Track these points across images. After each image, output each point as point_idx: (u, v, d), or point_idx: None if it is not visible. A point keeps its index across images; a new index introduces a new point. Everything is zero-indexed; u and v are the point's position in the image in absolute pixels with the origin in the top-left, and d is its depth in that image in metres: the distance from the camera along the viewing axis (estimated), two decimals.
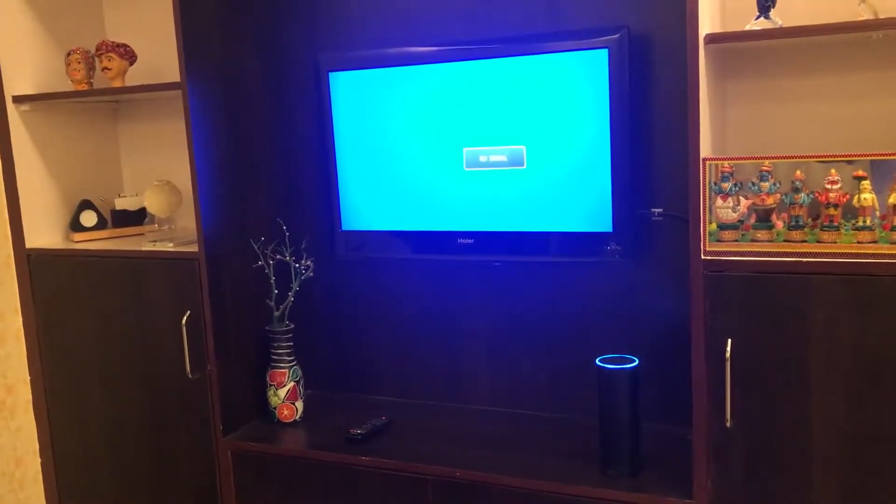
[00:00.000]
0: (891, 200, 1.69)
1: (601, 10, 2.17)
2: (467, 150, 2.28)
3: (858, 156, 1.72)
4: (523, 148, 2.22)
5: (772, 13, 1.83)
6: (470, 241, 2.32)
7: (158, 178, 2.72)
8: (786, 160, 1.77)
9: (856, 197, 1.72)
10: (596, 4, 2.18)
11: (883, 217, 1.69)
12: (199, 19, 2.29)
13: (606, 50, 2.08)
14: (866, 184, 1.71)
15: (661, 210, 2.17)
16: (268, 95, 2.56)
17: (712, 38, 1.78)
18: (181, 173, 2.55)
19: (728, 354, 1.79)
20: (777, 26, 1.82)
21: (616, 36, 2.07)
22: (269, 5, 2.55)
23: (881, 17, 1.81)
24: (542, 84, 2.17)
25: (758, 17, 1.84)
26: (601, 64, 2.09)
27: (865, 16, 1.83)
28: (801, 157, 1.77)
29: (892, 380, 1.68)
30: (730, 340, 1.79)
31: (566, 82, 2.14)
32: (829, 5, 1.93)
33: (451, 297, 2.50)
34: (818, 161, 1.75)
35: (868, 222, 1.71)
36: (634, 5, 2.14)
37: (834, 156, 1.74)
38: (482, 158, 2.27)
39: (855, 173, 1.72)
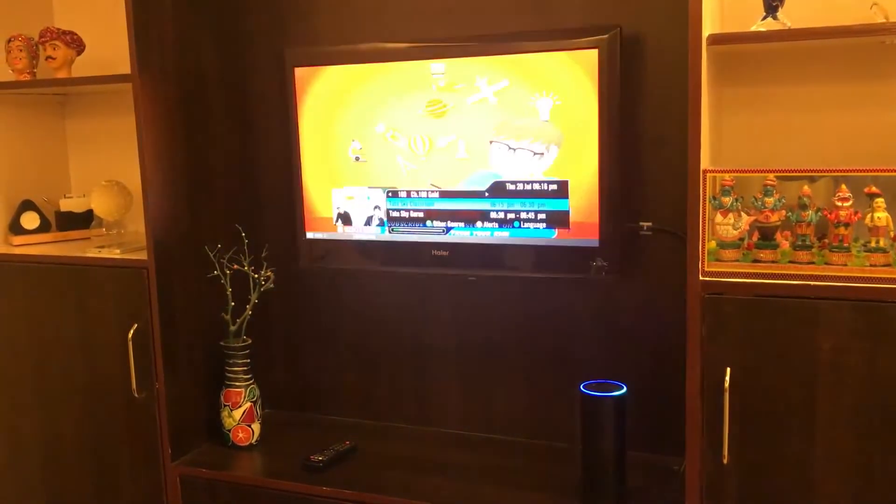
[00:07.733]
0: None
1: (593, 9, 2.03)
2: (444, 154, 2.12)
3: (872, 171, 1.58)
4: (504, 153, 2.06)
5: (779, 13, 1.68)
6: (445, 253, 2.16)
7: (108, 178, 2.54)
8: (792, 174, 1.63)
9: (868, 215, 1.59)
10: (587, 2, 2.04)
11: None
12: (153, 7, 2.14)
13: (596, 50, 1.93)
14: (880, 201, 1.58)
15: (650, 224, 2.03)
16: (227, 91, 2.40)
17: (716, 39, 1.64)
18: (132, 174, 2.36)
19: (727, 384, 1.64)
20: (786, 27, 1.67)
21: (607, 36, 1.92)
22: None
23: (893, 20, 1.68)
24: (524, 86, 2.01)
25: (764, 18, 1.70)
26: (590, 65, 1.94)
27: (877, 20, 1.70)
28: (809, 171, 1.64)
29: None
30: (728, 369, 1.65)
31: (552, 84, 1.99)
32: (837, 9, 1.79)
33: (423, 313, 2.35)
34: (828, 176, 1.61)
35: (881, 243, 1.58)
36: (629, 4, 1.99)
37: (845, 170, 1.61)
38: (459, 163, 2.11)
39: (867, 189, 1.59)
